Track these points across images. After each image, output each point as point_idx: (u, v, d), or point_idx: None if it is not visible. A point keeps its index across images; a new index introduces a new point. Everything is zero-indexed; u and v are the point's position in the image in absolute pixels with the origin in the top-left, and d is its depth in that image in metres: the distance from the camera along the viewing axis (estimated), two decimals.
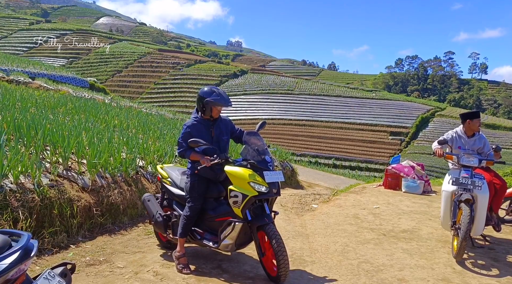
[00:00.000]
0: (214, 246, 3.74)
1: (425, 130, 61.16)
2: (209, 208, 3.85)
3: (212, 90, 3.80)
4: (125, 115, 9.52)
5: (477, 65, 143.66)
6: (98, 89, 25.49)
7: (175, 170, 4.35)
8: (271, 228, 3.45)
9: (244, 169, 3.57)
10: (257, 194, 3.45)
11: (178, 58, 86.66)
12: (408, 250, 4.49)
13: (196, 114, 3.94)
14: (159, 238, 4.52)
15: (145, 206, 4.34)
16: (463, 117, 4.86)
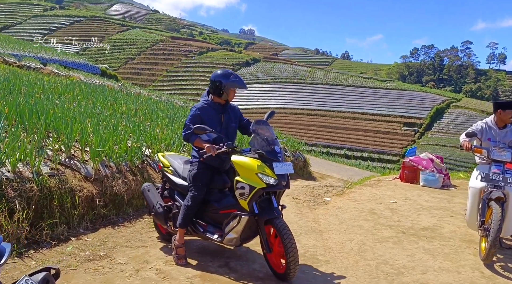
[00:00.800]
0: (218, 240, 3.52)
1: (439, 122, 60.03)
2: (213, 199, 3.64)
3: (228, 72, 3.64)
4: (133, 102, 9.28)
5: (495, 55, 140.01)
6: (110, 76, 25.34)
7: (177, 158, 4.11)
8: (280, 222, 3.25)
9: (252, 159, 3.34)
10: (265, 186, 3.23)
11: (190, 46, 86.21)
12: (430, 250, 4.16)
13: (206, 97, 3.72)
14: (159, 230, 4.32)
15: (145, 196, 4.13)
16: (495, 107, 4.46)
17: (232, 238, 3.44)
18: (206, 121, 3.55)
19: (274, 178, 3.24)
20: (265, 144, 3.38)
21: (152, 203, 4.00)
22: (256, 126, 3.50)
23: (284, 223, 3.27)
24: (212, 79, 3.60)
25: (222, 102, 3.69)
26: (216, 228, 3.62)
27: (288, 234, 3.19)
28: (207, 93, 3.74)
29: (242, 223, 3.34)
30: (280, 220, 3.27)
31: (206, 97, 3.72)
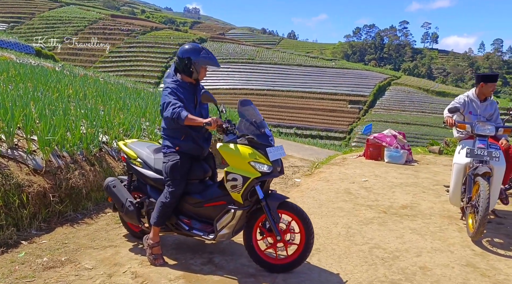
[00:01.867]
0: (209, 238, 3.14)
1: (382, 99, 62.75)
2: (194, 191, 3.23)
3: (198, 48, 3.20)
4: (80, 84, 8.39)
5: (428, 35, 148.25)
6: (46, 56, 23.16)
7: (143, 146, 3.60)
8: (295, 205, 3.05)
9: (242, 147, 2.98)
10: (260, 175, 2.91)
11: (132, 24, 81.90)
12: (416, 229, 4.08)
13: (174, 77, 3.23)
14: (129, 228, 3.82)
15: (110, 194, 3.55)
16: (478, 80, 4.40)
17: (225, 234, 3.11)
18: (184, 102, 3.11)
19: (268, 165, 2.93)
20: (254, 128, 3.02)
21: (121, 201, 3.45)
22: (242, 108, 3.10)
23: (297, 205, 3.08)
24: (180, 56, 3.17)
25: (193, 82, 3.26)
26: (202, 223, 3.23)
27: (307, 217, 3.01)
28: (174, 72, 3.26)
29: (237, 217, 3.02)
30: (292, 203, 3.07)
31: (174, 76, 3.23)
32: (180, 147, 3.16)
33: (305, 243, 3.01)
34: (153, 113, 7.15)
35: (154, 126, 6.61)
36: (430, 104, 61.27)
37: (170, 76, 3.24)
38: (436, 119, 54.64)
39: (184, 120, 2.96)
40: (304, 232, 3.00)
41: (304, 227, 2.99)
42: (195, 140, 3.21)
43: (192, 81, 3.23)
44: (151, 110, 7.37)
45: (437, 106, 60.23)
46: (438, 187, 5.88)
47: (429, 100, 63.31)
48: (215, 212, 3.13)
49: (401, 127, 47.07)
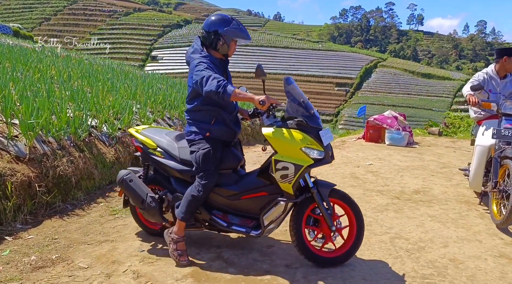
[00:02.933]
0: (254, 234, 2.80)
1: (368, 81, 62.87)
2: (228, 183, 2.86)
3: (228, 18, 2.78)
4: (63, 65, 7.84)
5: (414, 17, 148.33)
6: (24, 37, 22.06)
7: (160, 133, 3.15)
8: (344, 193, 2.84)
9: (293, 131, 2.64)
10: (313, 162, 2.61)
11: (114, 5, 79.42)
12: (436, 217, 3.83)
13: (203, 52, 2.79)
14: (144, 225, 3.36)
15: (127, 189, 3.06)
16: (500, 54, 4.09)
17: (271, 229, 2.82)
18: None
19: (320, 150, 2.62)
20: (303, 109, 2.67)
21: (140, 197, 2.99)
22: (288, 86, 2.74)
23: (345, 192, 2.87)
24: (207, 29, 2.77)
25: (223, 58, 2.86)
26: (241, 218, 2.89)
27: (357, 204, 2.83)
28: (202, 46, 2.82)
29: (287, 210, 2.74)
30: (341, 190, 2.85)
31: (203, 51, 2.78)
32: (211, 132, 2.77)
33: (356, 232, 2.80)
34: (144, 95, 6.71)
35: (146, 109, 6.19)
36: (415, 86, 61.64)
37: (198, 51, 2.80)
38: (421, 101, 55.06)
39: (230, 96, 2.52)
40: (355, 221, 2.80)
41: (355, 215, 2.79)
42: (227, 123, 2.83)
43: (222, 57, 2.84)
44: (141, 92, 6.92)
45: (423, 88, 60.66)
46: (446, 170, 5.67)
47: (414, 82, 63.67)
48: (254, 205, 2.82)
49: (387, 109, 47.32)
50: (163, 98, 6.91)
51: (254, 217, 2.86)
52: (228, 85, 2.54)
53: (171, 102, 7.02)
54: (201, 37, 2.84)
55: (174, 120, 6.76)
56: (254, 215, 2.86)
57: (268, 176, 2.74)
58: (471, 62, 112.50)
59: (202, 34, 2.81)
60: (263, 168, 2.80)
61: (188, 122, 2.90)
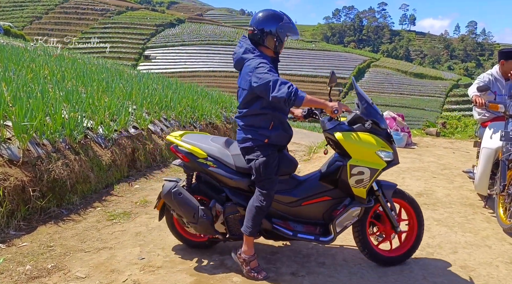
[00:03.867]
0: (324, 241, 2.70)
1: (361, 81, 63.13)
2: (286, 189, 2.74)
3: (279, 14, 2.63)
4: (56, 64, 7.66)
5: (406, 17, 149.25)
6: (15, 35, 21.70)
7: (205, 140, 2.92)
8: (406, 192, 2.86)
9: (365, 135, 2.60)
10: (386, 165, 2.61)
11: (107, 4, 78.74)
12: (441, 220, 3.76)
13: (256, 52, 2.62)
14: (183, 237, 3.11)
15: (177, 204, 2.79)
16: (499, 56, 4.05)
17: (340, 234, 2.74)
18: None
19: (390, 152, 2.62)
20: (374, 111, 2.61)
21: (192, 210, 2.76)
22: (357, 88, 2.68)
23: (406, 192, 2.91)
24: (259, 27, 2.61)
25: (274, 56, 2.72)
26: (304, 225, 2.78)
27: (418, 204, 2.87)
28: (254, 47, 2.64)
29: (361, 214, 2.69)
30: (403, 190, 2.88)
31: (256, 50, 2.62)
32: (270, 138, 2.61)
33: (417, 232, 2.84)
34: (140, 95, 6.58)
35: (142, 110, 6.06)
36: (408, 86, 62.07)
37: (250, 50, 2.63)
38: (414, 100, 55.43)
39: (302, 102, 2.40)
40: (416, 221, 2.82)
41: (416, 215, 2.82)
42: (285, 127, 2.69)
43: (273, 54, 2.70)
44: (137, 92, 6.78)
45: (415, 88, 61.09)
46: (447, 171, 5.62)
47: (407, 82, 64.10)
48: (317, 210, 2.74)
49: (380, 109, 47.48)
50: (159, 99, 6.78)
51: (315, 223, 2.78)
52: (298, 90, 2.40)
53: (167, 103, 6.89)
54: (249, 35, 2.68)
55: (171, 122, 6.63)
56: (316, 221, 2.78)
57: (332, 180, 2.69)
58: (463, 62, 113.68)
59: (252, 32, 2.64)
60: (326, 172, 2.71)
61: (242, 128, 2.71)
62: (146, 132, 5.77)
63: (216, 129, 7.75)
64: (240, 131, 2.73)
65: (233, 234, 2.83)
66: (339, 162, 2.65)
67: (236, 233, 2.82)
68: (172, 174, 5.36)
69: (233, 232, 2.82)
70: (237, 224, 2.79)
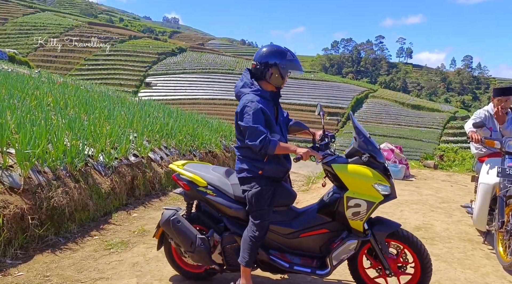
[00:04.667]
0: (320, 274, 2.67)
1: (359, 111, 63.75)
2: (283, 220, 2.76)
3: (282, 49, 2.70)
4: (60, 92, 7.79)
5: (403, 50, 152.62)
6: (20, 62, 22.06)
7: (206, 169, 2.99)
8: (407, 233, 2.72)
9: (362, 167, 2.62)
10: (383, 198, 2.60)
11: (110, 33, 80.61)
12: (441, 256, 3.74)
13: (255, 86, 2.71)
14: (180, 268, 3.10)
15: (175, 232, 2.83)
16: (493, 94, 4.17)
17: (336, 267, 2.71)
18: (269, 117, 2.65)
19: (387, 186, 2.61)
20: (370, 145, 2.65)
21: (190, 239, 2.80)
22: (355, 122, 2.74)
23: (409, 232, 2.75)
24: (262, 61, 2.68)
25: (274, 90, 2.79)
26: (301, 257, 2.77)
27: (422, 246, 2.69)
28: (251, 80, 2.74)
29: (357, 248, 2.66)
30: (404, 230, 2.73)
31: (253, 85, 2.71)
32: (264, 170, 2.66)
33: (420, 276, 2.71)
34: (141, 123, 6.66)
35: (143, 138, 6.12)
36: (405, 117, 62.64)
37: (248, 85, 2.72)
38: (412, 132, 55.82)
39: (274, 151, 2.55)
40: (419, 264, 2.68)
41: (419, 259, 2.67)
42: (280, 161, 2.74)
43: (273, 89, 2.77)
44: (138, 120, 6.87)
45: (413, 119, 61.66)
46: (446, 205, 5.62)
47: (405, 113, 64.73)
48: (314, 243, 2.74)
49: (378, 139, 47.78)
50: (160, 127, 6.86)
51: (313, 256, 2.77)
52: (270, 144, 2.51)
53: (168, 131, 6.97)
54: (252, 70, 2.77)
55: (171, 150, 6.68)
56: (313, 254, 2.77)
57: (329, 212, 2.70)
58: (459, 95, 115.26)
59: (254, 66, 2.73)
60: (324, 205, 2.73)
61: (238, 158, 2.79)
62: (146, 160, 5.80)
63: (215, 157, 7.79)
64: (238, 162, 2.80)
65: (230, 265, 2.83)
66: (337, 194, 2.67)
67: (233, 264, 2.81)
68: (171, 203, 5.36)
69: (230, 262, 2.82)
70: (234, 255, 2.79)
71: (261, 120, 2.58)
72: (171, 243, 2.98)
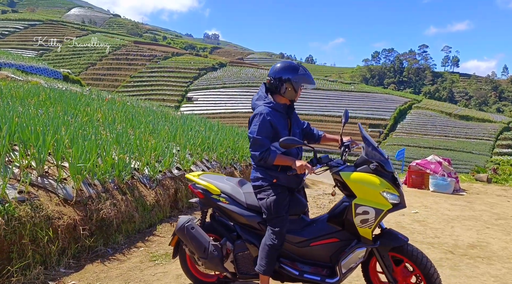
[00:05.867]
0: (329, 282, 2.67)
1: (403, 122, 61.73)
2: (295, 229, 2.80)
3: (295, 65, 2.83)
4: (108, 108, 8.19)
5: (449, 58, 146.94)
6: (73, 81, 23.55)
7: (221, 179, 3.12)
8: (414, 249, 2.65)
9: (370, 175, 2.62)
10: (391, 206, 2.59)
11: (154, 50, 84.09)
12: (499, 277, 3.49)
13: (268, 98, 2.85)
14: (195, 277, 3.21)
15: (189, 238, 2.96)
16: None
17: (346, 276, 2.69)
18: (278, 129, 2.75)
19: (396, 194, 2.59)
20: (378, 154, 2.66)
21: (203, 245, 2.92)
22: (363, 132, 2.77)
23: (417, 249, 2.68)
24: (275, 76, 2.80)
25: (288, 103, 2.90)
26: (311, 266, 2.79)
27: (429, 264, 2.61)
28: (266, 92, 2.89)
29: (366, 256, 2.67)
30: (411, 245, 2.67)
31: (267, 98, 2.85)
32: (278, 179, 2.76)
33: None
34: (184, 137, 6.82)
35: (185, 152, 6.26)
36: (453, 128, 59.85)
37: (262, 98, 2.87)
38: (460, 143, 53.15)
39: (274, 161, 2.68)
40: (424, 277, 2.62)
41: (426, 278, 2.60)
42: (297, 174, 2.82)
43: (287, 102, 2.89)
44: (181, 134, 7.05)
45: (461, 130, 58.80)
46: (503, 222, 5.27)
47: (452, 124, 61.88)
48: (324, 252, 2.75)
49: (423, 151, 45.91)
50: (202, 140, 7.00)
51: (323, 265, 2.78)
52: (269, 156, 2.65)
53: (209, 144, 7.09)
54: (267, 84, 2.89)
55: (212, 163, 6.78)
56: (323, 263, 2.78)
57: (339, 221, 2.71)
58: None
59: (269, 81, 2.85)
60: (334, 214, 2.75)
61: (254, 167, 2.87)
62: (189, 173, 5.92)
63: None
64: (253, 171, 2.89)
65: (241, 272, 2.91)
66: (346, 202, 2.68)
67: (244, 272, 2.89)
68: None
69: (241, 270, 2.90)
70: (246, 262, 2.87)
71: (267, 132, 2.70)
72: (185, 251, 3.09)
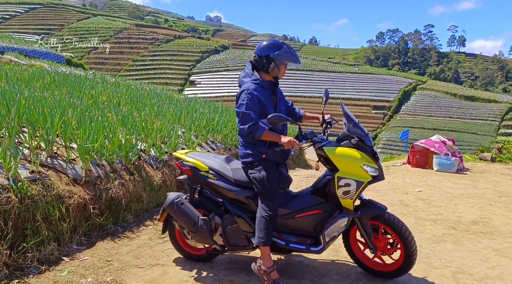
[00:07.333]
0: (314, 251, 2.84)
1: (407, 104, 61.36)
2: (281, 202, 2.93)
3: (279, 43, 2.89)
4: (113, 90, 8.23)
5: (455, 38, 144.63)
6: (76, 65, 23.45)
7: (208, 156, 3.23)
8: (392, 217, 2.84)
9: (351, 150, 2.75)
10: (371, 179, 2.73)
11: (156, 33, 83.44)
12: (501, 250, 3.57)
13: (254, 76, 2.91)
14: (184, 250, 3.38)
15: (178, 213, 3.08)
16: None
17: (329, 244, 2.85)
18: (265, 105, 2.83)
19: (376, 167, 2.73)
20: (359, 129, 2.77)
21: (193, 219, 3.03)
22: (345, 109, 2.86)
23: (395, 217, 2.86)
24: (259, 54, 2.87)
25: (272, 80, 2.97)
26: (296, 236, 2.95)
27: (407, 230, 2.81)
28: (252, 70, 2.95)
29: (347, 225, 2.82)
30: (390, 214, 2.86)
31: (253, 75, 2.91)
32: (267, 154, 2.85)
33: (404, 259, 2.84)
34: (189, 119, 6.87)
35: (190, 133, 6.32)
36: (458, 109, 59.43)
37: (249, 75, 2.94)
38: (465, 124, 52.88)
39: (261, 136, 2.74)
40: (403, 248, 2.82)
41: (403, 242, 2.80)
42: None
43: (272, 79, 2.95)
44: (186, 116, 7.09)
45: (466, 111, 58.38)
46: (506, 199, 5.32)
47: (457, 105, 61.41)
48: (308, 223, 2.90)
49: (427, 133, 45.73)
50: (206, 122, 7.04)
51: (308, 235, 2.93)
52: (257, 130, 2.70)
53: (214, 126, 7.14)
54: (253, 62, 2.95)
55: (217, 144, 6.85)
56: (307, 233, 2.93)
57: (323, 193, 2.85)
58: None
59: (254, 58, 2.92)
60: (317, 187, 2.88)
61: (242, 144, 2.96)
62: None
63: None
64: (241, 148, 2.97)
65: (230, 244, 3.04)
66: (329, 176, 2.81)
67: (233, 243, 3.03)
68: None
69: (230, 242, 3.03)
70: (234, 235, 3.01)
71: (255, 107, 2.75)
72: (175, 226, 3.23)
